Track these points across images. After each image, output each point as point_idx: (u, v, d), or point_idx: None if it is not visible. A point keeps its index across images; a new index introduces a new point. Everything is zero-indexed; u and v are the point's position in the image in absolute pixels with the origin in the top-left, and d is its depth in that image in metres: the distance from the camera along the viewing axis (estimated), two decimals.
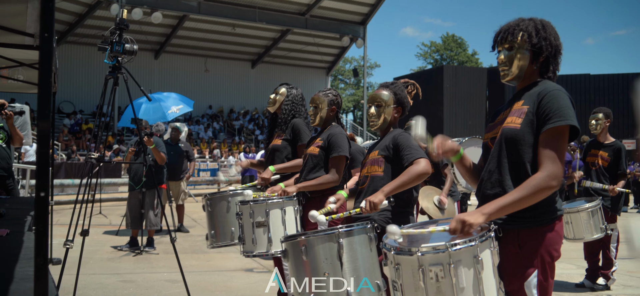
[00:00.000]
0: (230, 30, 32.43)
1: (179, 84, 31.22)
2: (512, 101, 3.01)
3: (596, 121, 7.13)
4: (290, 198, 4.73)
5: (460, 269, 2.57)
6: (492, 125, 3.09)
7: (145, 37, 30.39)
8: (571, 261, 8.57)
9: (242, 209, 4.72)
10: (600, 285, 7.19)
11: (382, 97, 4.06)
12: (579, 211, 6.69)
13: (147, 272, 7.84)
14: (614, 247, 7.20)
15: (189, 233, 11.65)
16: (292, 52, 36.46)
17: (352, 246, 3.32)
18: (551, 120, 2.72)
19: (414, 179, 3.68)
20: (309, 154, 4.95)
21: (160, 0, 27.94)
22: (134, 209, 9.45)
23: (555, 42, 2.95)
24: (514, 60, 2.96)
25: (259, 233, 4.61)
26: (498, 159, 2.91)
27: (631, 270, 8.27)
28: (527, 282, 2.76)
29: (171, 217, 11.12)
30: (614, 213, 7.12)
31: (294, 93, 5.67)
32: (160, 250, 9.41)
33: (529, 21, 2.97)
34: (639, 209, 20.66)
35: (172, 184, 11.60)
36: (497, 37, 3.04)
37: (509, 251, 2.78)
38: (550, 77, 2.96)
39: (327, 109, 5.03)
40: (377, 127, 4.10)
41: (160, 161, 9.55)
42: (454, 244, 2.58)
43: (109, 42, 6.01)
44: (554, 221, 2.83)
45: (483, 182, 2.99)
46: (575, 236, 6.80)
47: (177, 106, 12.67)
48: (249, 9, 30.41)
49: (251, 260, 8.08)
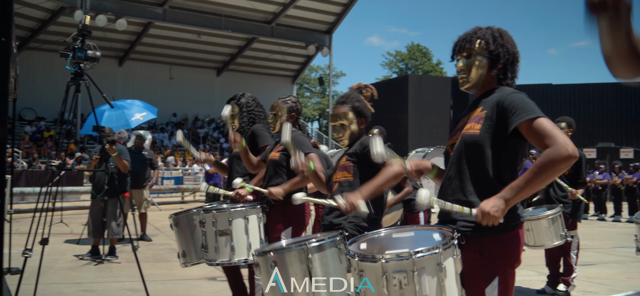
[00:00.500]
0: (196, 37, 32.26)
1: (143, 91, 30.91)
2: (471, 107, 3.05)
3: None
4: (253, 206, 4.72)
5: (424, 276, 2.59)
6: (453, 132, 3.12)
7: (110, 44, 30.06)
8: (533, 267, 8.68)
9: (205, 217, 4.70)
10: (560, 291, 7.29)
11: (344, 115, 4.04)
12: (540, 218, 6.78)
13: (108, 281, 7.73)
14: (575, 254, 7.30)
15: (152, 241, 11.52)
16: (258, 60, 36.41)
17: (323, 260, 3.34)
18: (520, 116, 2.74)
19: (390, 179, 3.67)
20: (271, 160, 4.94)
21: (125, 7, 27.70)
22: (96, 218, 9.33)
23: (513, 50, 3.00)
24: (472, 67, 3.00)
25: (221, 242, 4.60)
26: (458, 165, 2.93)
27: (591, 276, 8.40)
28: (488, 289, 2.78)
29: (134, 225, 10.99)
30: (574, 220, 7.23)
31: (242, 102, 5.65)
32: (123, 259, 9.28)
33: (486, 29, 3.02)
34: (599, 217, 21.01)
35: (135, 192, 11.47)
36: (456, 46, 3.08)
37: (470, 258, 2.80)
38: (509, 84, 3.01)
39: (287, 116, 5.04)
40: (346, 145, 4.09)
41: (123, 169, 9.43)
42: (418, 252, 2.59)
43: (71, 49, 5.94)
44: (515, 228, 2.86)
45: (444, 188, 3.01)
46: (536, 243, 6.89)
47: (140, 113, 12.54)
48: (215, 17, 30.32)
49: (214, 268, 8.01)
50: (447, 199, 2.89)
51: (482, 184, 2.83)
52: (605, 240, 13.77)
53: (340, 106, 4.07)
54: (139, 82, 33.37)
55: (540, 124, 2.70)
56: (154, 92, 32.73)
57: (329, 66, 35.66)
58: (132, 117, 12.25)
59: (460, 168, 2.92)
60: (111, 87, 28.36)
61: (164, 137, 32.19)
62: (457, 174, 2.93)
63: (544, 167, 2.62)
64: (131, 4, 28.03)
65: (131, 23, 29.14)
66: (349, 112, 4.04)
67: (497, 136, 2.83)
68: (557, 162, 2.60)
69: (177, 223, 5.22)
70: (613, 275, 8.60)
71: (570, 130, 7.24)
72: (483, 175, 2.84)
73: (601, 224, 18.63)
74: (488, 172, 2.84)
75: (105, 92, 6.49)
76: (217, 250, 4.61)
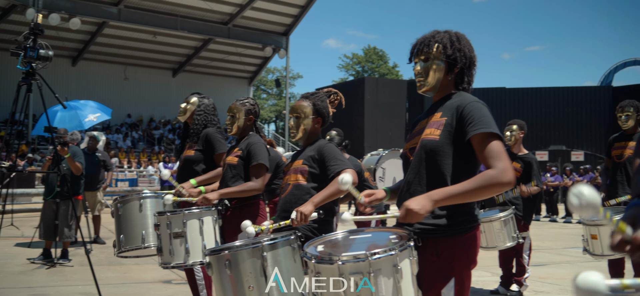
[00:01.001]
0: (151, 38, 31.89)
1: (98, 91, 30.43)
2: (430, 111, 3.07)
3: (510, 132, 7.35)
4: (208, 208, 4.69)
5: (380, 278, 2.59)
6: (411, 135, 3.14)
7: (63, 44, 29.52)
8: (487, 268, 8.80)
9: (159, 219, 4.66)
10: (513, 291, 7.41)
11: (301, 108, 4.08)
12: (492, 220, 6.88)
13: (61, 285, 7.59)
14: (527, 254, 7.43)
15: (106, 244, 11.35)
16: (214, 62, 36.17)
17: (276, 258, 3.32)
18: (476, 127, 2.77)
19: (342, 189, 3.71)
20: (228, 164, 4.91)
21: (79, 6, 27.19)
22: (48, 220, 9.16)
23: (470, 54, 3.03)
24: (429, 71, 3.02)
25: (176, 244, 4.55)
26: (417, 170, 2.95)
27: (543, 276, 8.56)
28: (444, 290, 2.80)
29: (87, 228, 10.81)
30: (526, 222, 7.36)
31: (205, 103, 5.63)
32: (75, 262, 9.13)
33: (443, 33, 3.04)
34: (550, 219, 21.42)
35: (89, 194, 11.31)
36: (414, 49, 3.10)
37: (427, 260, 2.82)
38: (466, 89, 3.04)
39: (245, 118, 5.02)
40: (297, 139, 4.11)
41: (76, 171, 9.27)
42: (374, 254, 2.60)
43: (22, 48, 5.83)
44: (471, 230, 2.89)
45: (402, 193, 3.03)
46: (489, 245, 6.99)
47: (94, 114, 12.35)
48: (171, 17, 30.01)
49: (170, 271, 7.94)
50: None
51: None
52: (556, 241, 14.06)
53: (302, 99, 4.11)
54: (93, 83, 32.79)
55: (491, 144, 2.75)
56: (109, 92, 32.25)
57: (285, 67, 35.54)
58: (86, 118, 12.05)
59: (419, 173, 2.94)
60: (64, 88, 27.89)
61: (118, 138, 31.73)
62: (416, 179, 2.95)
63: (482, 186, 2.69)
64: (85, 3, 27.51)
65: (85, 22, 28.66)
66: (308, 108, 4.07)
67: (456, 142, 2.86)
68: (495, 186, 2.69)
69: (121, 206, 5.15)
70: (564, 275, 8.77)
71: (522, 132, 7.36)
72: (441, 181, 2.86)
73: (553, 226, 19.00)
74: (446, 178, 2.86)
75: (58, 93, 6.38)
76: (172, 252, 4.57)
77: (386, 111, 34.38)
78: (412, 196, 2.92)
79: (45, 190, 9.26)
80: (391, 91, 35.96)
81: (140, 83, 35.14)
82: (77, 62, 33.09)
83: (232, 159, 4.91)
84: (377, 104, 34.74)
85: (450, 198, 2.73)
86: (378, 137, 32.61)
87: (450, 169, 2.86)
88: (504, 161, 2.70)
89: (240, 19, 31.94)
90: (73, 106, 12.01)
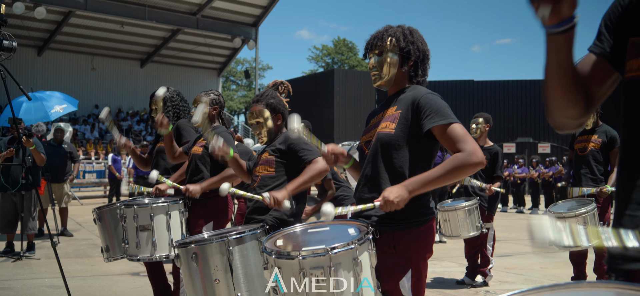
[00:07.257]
0: (119, 28, 31.45)
1: (64, 82, 30.08)
2: (385, 105, 3.13)
3: (476, 125, 7.45)
4: (175, 201, 4.70)
5: (340, 271, 2.64)
6: (366, 129, 3.20)
7: (28, 33, 28.99)
8: (453, 259, 8.93)
9: (126, 212, 4.66)
10: (478, 281, 7.53)
11: (259, 112, 4.11)
12: (457, 209, 7.01)
13: (27, 278, 7.53)
14: (490, 245, 7.56)
15: (73, 236, 11.27)
16: (183, 52, 35.85)
17: (243, 252, 3.36)
18: (434, 119, 2.84)
19: (315, 177, 3.79)
20: (194, 155, 4.93)
21: None
22: (8, 213, 9.07)
23: (423, 47, 3.11)
24: (384, 64, 3.09)
25: (142, 237, 4.56)
26: (374, 163, 3.01)
27: (508, 267, 8.71)
28: (402, 281, 2.88)
29: (54, 220, 10.71)
30: (490, 213, 7.48)
31: (168, 96, 5.61)
32: (42, 255, 9.04)
33: (396, 28, 3.11)
34: (517, 210, 21.72)
35: (56, 186, 11.20)
36: (368, 44, 3.17)
37: (384, 252, 2.88)
38: (420, 82, 3.11)
39: (209, 108, 5.03)
40: (264, 141, 4.16)
41: (40, 162, 9.19)
42: (334, 248, 2.64)
43: None
44: (426, 222, 2.96)
45: (360, 186, 3.09)
46: (453, 233, 7.12)
47: (60, 105, 12.20)
48: (138, 7, 29.63)
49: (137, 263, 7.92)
50: (363, 197, 3.00)
51: (397, 181, 2.88)
52: (522, 232, 14.22)
53: (255, 104, 4.15)
54: (60, 73, 32.33)
55: (453, 130, 2.82)
56: (75, 83, 31.82)
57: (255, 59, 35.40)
58: (52, 110, 11.90)
59: (376, 166, 3.00)
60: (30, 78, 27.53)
61: (85, 130, 31.37)
62: (373, 173, 3.01)
63: (453, 169, 2.76)
64: None
65: (51, 11, 28.17)
66: (264, 110, 4.11)
67: (411, 135, 2.93)
68: (465, 167, 2.76)
69: (101, 217, 5.14)
70: (529, 265, 8.93)
71: (488, 125, 7.47)
72: (399, 173, 2.93)
73: (519, 217, 19.25)
74: (404, 170, 2.93)
75: (24, 83, 6.30)
76: (138, 246, 4.58)
77: (355, 103, 34.47)
78: (370, 190, 2.98)
79: (7, 183, 9.08)
80: (360, 83, 36.03)
81: (108, 73, 34.67)
82: (43, 52, 32.55)
83: (197, 149, 4.93)
84: (347, 95, 34.82)
85: (424, 185, 2.79)
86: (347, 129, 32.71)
87: (407, 161, 2.92)
88: (470, 142, 2.79)
89: (209, 9, 31.69)
90: (39, 97, 11.85)
